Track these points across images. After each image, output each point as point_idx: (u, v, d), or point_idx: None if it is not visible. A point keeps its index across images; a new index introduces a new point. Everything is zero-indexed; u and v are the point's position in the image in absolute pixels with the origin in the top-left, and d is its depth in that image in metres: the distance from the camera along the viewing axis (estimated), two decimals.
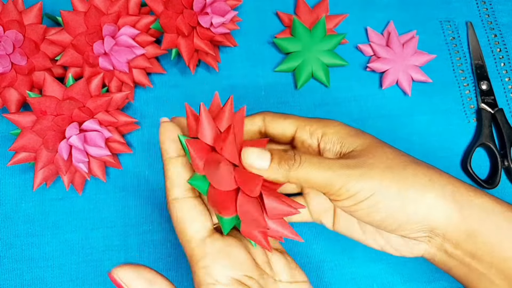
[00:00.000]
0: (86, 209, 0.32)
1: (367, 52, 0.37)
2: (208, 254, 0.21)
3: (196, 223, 0.22)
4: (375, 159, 0.23)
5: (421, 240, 0.24)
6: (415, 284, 0.32)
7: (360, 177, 0.22)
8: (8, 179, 0.32)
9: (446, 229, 0.23)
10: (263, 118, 0.27)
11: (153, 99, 0.35)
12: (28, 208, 0.32)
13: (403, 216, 0.23)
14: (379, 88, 0.36)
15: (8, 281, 0.30)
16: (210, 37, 0.32)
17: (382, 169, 0.23)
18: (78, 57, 0.31)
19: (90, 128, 0.28)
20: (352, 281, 0.32)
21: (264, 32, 0.37)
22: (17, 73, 0.30)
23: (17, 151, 0.29)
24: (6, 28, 0.29)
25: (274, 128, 0.27)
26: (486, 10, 0.39)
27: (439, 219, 0.23)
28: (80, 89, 0.29)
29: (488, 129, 0.35)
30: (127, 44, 0.31)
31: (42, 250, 0.31)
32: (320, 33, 0.35)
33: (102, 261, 0.31)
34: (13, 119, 0.28)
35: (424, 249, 0.24)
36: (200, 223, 0.22)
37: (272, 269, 0.24)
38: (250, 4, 0.38)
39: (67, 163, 0.29)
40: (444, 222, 0.23)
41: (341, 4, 0.38)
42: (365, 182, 0.22)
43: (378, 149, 0.24)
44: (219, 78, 0.36)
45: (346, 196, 0.23)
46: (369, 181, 0.22)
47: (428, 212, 0.23)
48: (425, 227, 0.23)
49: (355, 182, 0.22)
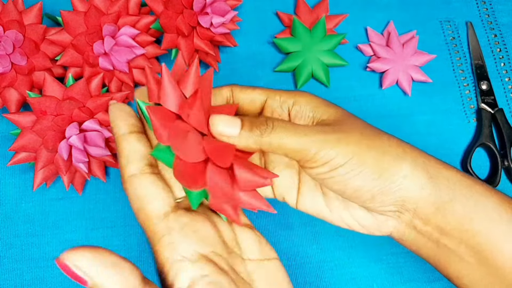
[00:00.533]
0: (86, 209, 0.32)
1: (367, 52, 0.37)
2: (173, 229, 0.19)
3: (157, 200, 0.19)
4: (349, 126, 0.23)
5: (391, 215, 0.24)
6: (415, 284, 0.32)
7: (336, 142, 0.22)
8: (8, 179, 0.32)
9: (417, 203, 0.22)
10: (230, 89, 0.26)
11: None
12: (28, 208, 0.32)
13: (378, 184, 0.22)
14: (379, 88, 0.36)
15: (8, 281, 0.30)
16: (210, 37, 0.32)
17: (358, 136, 0.22)
18: (78, 57, 0.31)
19: (90, 128, 0.28)
20: (352, 281, 0.32)
21: (264, 32, 0.37)
22: (17, 73, 0.30)
23: (17, 151, 0.29)
24: (6, 28, 0.29)
25: (243, 99, 0.26)
26: (486, 10, 0.39)
27: (412, 190, 0.22)
28: (80, 89, 0.29)
29: (488, 129, 0.35)
30: (127, 44, 0.31)
31: (42, 250, 0.31)
32: (320, 33, 0.35)
33: None
34: (13, 119, 0.28)
35: (393, 226, 0.24)
36: (161, 200, 0.20)
37: (240, 248, 0.22)
38: (250, 4, 0.38)
39: (67, 163, 0.29)
40: (417, 194, 0.22)
41: (341, 4, 0.38)
42: (341, 147, 0.22)
43: (350, 119, 0.24)
44: (219, 78, 0.36)
45: (321, 162, 0.22)
46: (346, 147, 0.22)
47: (402, 182, 0.22)
48: (398, 200, 0.23)
49: (331, 147, 0.22)
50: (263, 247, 0.23)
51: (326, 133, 0.22)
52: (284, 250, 0.32)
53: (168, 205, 0.20)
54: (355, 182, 0.22)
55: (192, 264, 0.18)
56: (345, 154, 0.22)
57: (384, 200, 0.23)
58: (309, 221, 0.33)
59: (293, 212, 0.33)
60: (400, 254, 0.32)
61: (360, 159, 0.22)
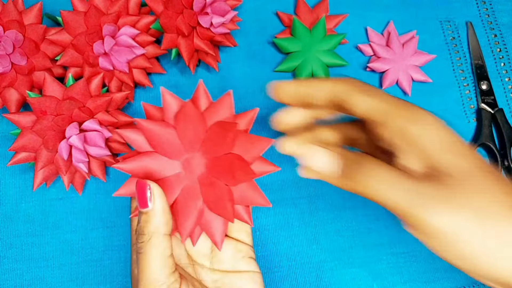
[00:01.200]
0: (86, 209, 0.32)
1: (367, 52, 0.37)
2: None
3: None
4: (469, 194, 0.18)
5: None
6: (415, 284, 0.32)
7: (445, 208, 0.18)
8: (8, 179, 0.32)
9: None
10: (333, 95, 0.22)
11: (153, 99, 0.35)
12: (28, 208, 0.32)
13: None
14: (379, 88, 0.36)
15: (8, 281, 0.30)
16: (210, 37, 0.32)
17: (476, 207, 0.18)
18: (78, 57, 0.31)
19: (90, 128, 0.28)
20: (352, 281, 0.32)
21: (264, 32, 0.37)
22: (17, 73, 0.30)
23: (17, 151, 0.29)
24: (6, 28, 0.29)
25: (351, 109, 0.22)
26: (486, 10, 0.39)
27: None
28: (80, 89, 0.29)
29: (488, 129, 0.35)
30: (127, 44, 0.31)
31: (42, 250, 0.31)
32: (320, 33, 0.35)
33: (102, 261, 0.31)
34: (13, 119, 0.28)
35: None
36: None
37: (213, 260, 0.25)
38: (250, 4, 0.38)
39: (67, 163, 0.29)
40: None
41: (341, 4, 0.38)
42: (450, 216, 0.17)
43: (479, 180, 0.18)
44: (219, 78, 0.36)
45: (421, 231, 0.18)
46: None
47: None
48: None
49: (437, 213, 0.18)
50: (238, 261, 0.25)
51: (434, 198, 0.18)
52: (284, 250, 0.32)
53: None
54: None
55: None
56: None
57: None
58: (309, 221, 0.33)
59: (293, 212, 0.33)
60: (400, 254, 0.32)
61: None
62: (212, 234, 0.23)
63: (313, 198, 0.33)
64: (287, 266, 0.32)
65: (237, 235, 0.26)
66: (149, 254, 0.21)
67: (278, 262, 0.32)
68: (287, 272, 0.32)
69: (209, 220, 0.23)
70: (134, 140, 0.23)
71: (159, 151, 0.23)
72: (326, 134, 0.26)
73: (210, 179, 0.23)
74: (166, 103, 0.23)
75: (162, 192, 0.22)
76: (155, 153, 0.23)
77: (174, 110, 0.23)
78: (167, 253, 0.21)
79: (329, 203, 0.33)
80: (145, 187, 0.21)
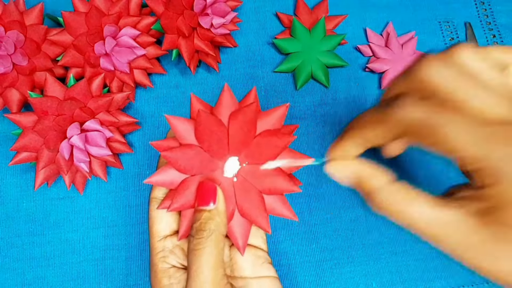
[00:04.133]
0: (87, 209, 0.32)
1: (366, 53, 0.37)
2: (166, 247, 0.24)
3: (162, 223, 0.25)
4: None
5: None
6: (414, 283, 0.32)
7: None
8: (10, 179, 0.32)
9: None
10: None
11: (154, 99, 0.35)
12: (29, 207, 0.32)
13: None
14: (379, 88, 0.36)
15: (10, 280, 0.30)
16: (211, 38, 0.32)
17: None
18: (79, 58, 0.31)
19: (91, 128, 0.29)
20: (351, 280, 0.32)
21: (264, 32, 0.37)
22: (18, 73, 0.30)
23: (19, 151, 0.29)
24: (7, 28, 0.29)
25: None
26: (485, 11, 0.39)
27: None
28: (81, 90, 0.29)
29: None
30: (128, 44, 0.31)
31: (44, 250, 0.31)
32: (319, 34, 0.35)
33: (103, 260, 0.31)
34: (15, 119, 0.28)
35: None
36: (166, 224, 0.25)
37: (234, 266, 0.25)
38: (250, 5, 0.38)
39: (68, 163, 0.29)
40: None
41: (341, 5, 0.38)
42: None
43: None
44: (219, 78, 0.36)
45: None
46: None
47: None
48: None
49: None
50: (258, 267, 0.25)
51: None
52: (284, 249, 0.32)
53: (169, 228, 0.25)
54: None
55: (177, 270, 0.24)
56: None
57: None
58: (309, 220, 0.33)
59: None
60: (399, 253, 0.33)
61: None
62: (235, 238, 0.23)
63: (312, 198, 0.33)
64: (287, 265, 0.32)
65: (254, 241, 0.26)
66: (208, 250, 0.21)
67: (278, 261, 0.32)
68: (287, 271, 0.32)
69: (234, 225, 0.23)
70: (180, 129, 0.22)
71: (205, 146, 0.22)
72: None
73: (247, 184, 0.23)
74: (224, 100, 0.23)
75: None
76: (198, 148, 0.22)
77: (230, 109, 0.22)
78: (222, 254, 0.22)
79: (328, 202, 0.33)
80: (213, 189, 0.22)
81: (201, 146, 0.22)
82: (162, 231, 0.25)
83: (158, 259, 0.24)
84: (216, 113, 0.23)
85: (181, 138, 0.22)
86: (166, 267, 0.24)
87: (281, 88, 0.36)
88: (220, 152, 0.23)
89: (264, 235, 0.27)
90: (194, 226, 0.22)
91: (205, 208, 0.22)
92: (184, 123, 0.22)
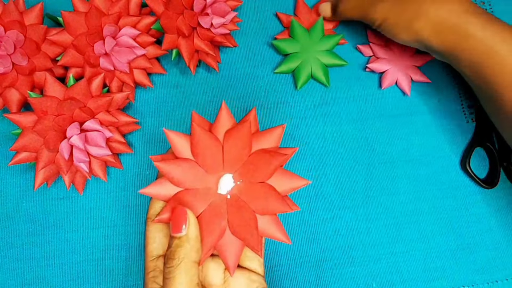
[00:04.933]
0: (87, 209, 0.32)
1: (366, 53, 0.37)
2: (158, 267, 0.24)
3: (155, 243, 0.25)
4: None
5: None
6: (414, 283, 0.32)
7: None
8: (9, 179, 0.32)
9: None
10: None
11: (153, 99, 0.35)
12: (29, 207, 0.32)
13: None
14: (379, 88, 0.36)
15: (10, 280, 0.30)
16: (210, 37, 0.32)
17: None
18: (79, 58, 0.31)
19: (91, 128, 0.29)
20: (351, 280, 0.32)
21: (264, 32, 0.37)
22: (18, 73, 0.30)
23: (18, 151, 0.29)
24: (7, 28, 0.29)
25: None
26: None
27: None
28: (81, 89, 0.29)
29: (487, 129, 0.35)
30: (128, 44, 0.31)
31: (43, 250, 0.31)
32: (318, 34, 0.35)
33: (103, 260, 0.31)
34: (14, 119, 0.28)
35: None
36: (159, 243, 0.25)
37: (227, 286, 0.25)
38: (250, 5, 0.38)
39: (68, 163, 0.29)
40: None
41: None
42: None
43: None
44: (219, 78, 0.36)
45: None
46: None
47: None
48: None
49: None
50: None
51: None
52: (284, 249, 0.32)
53: (162, 248, 0.25)
54: None
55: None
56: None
57: None
58: (309, 221, 0.33)
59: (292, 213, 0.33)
60: (399, 253, 0.33)
61: None
62: (225, 257, 0.23)
63: (312, 198, 0.33)
64: (287, 265, 0.32)
65: (249, 264, 0.26)
66: (178, 279, 0.21)
67: (278, 261, 0.32)
68: (287, 271, 0.32)
69: (225, 243, 0.23)
70: (177, 144, 0.23)
71: (200, 161, 0.22)
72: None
73: (240, 202, 0.23)
74: (222, 118, 0.23)
75: (197, 221, 0.22)
76: (193, 162, 0.22)
77: (227, 127, 0.23)
78: (195, 280, 0.21)
79: (328, 202, 0.33)
80: (184, 214, 0.22)
81: (196, 161, 0.23)
82: (155, 251, 0.25)
83: (148, 279, 0.24)
84: (214, 130, 0.23)
85: (178, 152, 0.23)
86: (155, 287, 0.24)
87: (281, 88, 0.36)
88: (214, 168, 0.23)
89: (262, 258, 0.26)
90: (166, 254, 0.22)
91: (177, 235, 0.22)
92: (182, 138, 0.23)
